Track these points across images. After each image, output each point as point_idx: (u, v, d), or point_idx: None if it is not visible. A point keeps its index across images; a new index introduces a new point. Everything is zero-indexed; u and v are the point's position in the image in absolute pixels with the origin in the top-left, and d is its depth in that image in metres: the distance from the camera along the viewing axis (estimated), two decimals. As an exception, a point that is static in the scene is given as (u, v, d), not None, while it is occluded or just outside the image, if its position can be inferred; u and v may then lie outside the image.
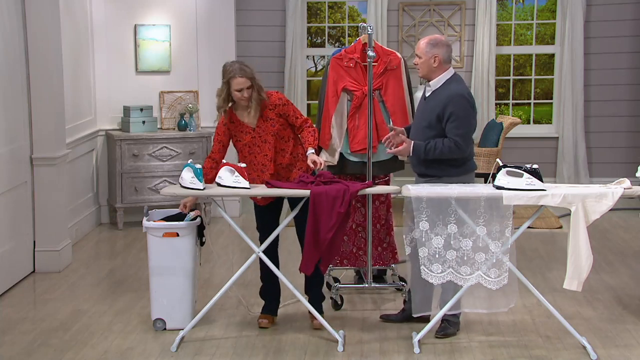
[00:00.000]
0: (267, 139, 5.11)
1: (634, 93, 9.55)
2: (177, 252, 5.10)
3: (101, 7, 8.03)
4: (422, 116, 5.05)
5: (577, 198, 4.65)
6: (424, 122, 5.00)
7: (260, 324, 5.21)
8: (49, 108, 6.38)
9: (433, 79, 5.01)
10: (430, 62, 4.97)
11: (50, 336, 5.08)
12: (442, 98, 4.94)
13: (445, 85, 4.99)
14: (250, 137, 5.12)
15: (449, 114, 4.87)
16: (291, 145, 5.17)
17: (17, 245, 6.17)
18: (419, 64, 5.03)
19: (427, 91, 5.07)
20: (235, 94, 5.02)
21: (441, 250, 4.72)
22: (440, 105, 4.92)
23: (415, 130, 5.08)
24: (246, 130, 5.13)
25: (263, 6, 9.57)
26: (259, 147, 5.12)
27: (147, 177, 7.90)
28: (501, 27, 9.89)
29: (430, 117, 4.96)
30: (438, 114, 4.92)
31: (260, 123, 5.11)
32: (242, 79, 5.00)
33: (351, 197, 4.83)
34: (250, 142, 5.12)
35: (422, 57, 5.00)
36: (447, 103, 4.89)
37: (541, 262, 6.73)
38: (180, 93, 8.26)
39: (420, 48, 5.00)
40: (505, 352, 4.83)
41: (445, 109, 4.89)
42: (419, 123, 5.07)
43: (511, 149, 9.34)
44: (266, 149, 5.11)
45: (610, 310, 5.55)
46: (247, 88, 5.01)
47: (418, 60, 5.03)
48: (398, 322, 5.26)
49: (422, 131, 5.00)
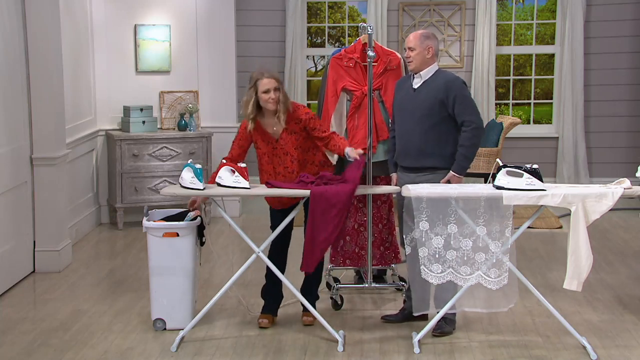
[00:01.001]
0: (289, 151, 5.07)
1: (634, 93, 9.55)
2: (177, 252, 5.09)
3: (101, 7, 8.03)
4: (415, 106, 5.06)
5: (577, 198, 4.65)
6: (421, 112, 5.02)
7: (260, 324, 5.21)
8: (49, 108, 6.38)
9: (424, 71, 5.04)
10: (425, 54, 5.02)
11: (50, 336, 5.08)
12: (439, 85, 5.01)
13: (437, 75, 5.09)
14: (272, 147, 5.09)
15: (454, 97, 4.97)
16: (317, 156, 5.16)
17: (17, 245, 6.17)
18: (412, 56, 5.04)
19: (416, 82, 5.09)
20: (263, 97, 4.97)
21: (441, 250, 4.72)
22: (440, 90, 4.99)
23: (408, 124, 5.07)
24: (268, 140, 5.09)
25: (263, 6, 9.57)
26: (280, 159, 5.09)
27: (147, 177, 7.90)
28: (501, 27, 9.89)
29: (429, 104, 5.00)
30: (441, 99, 4.98)
31: (284, 135, 5.06)
32: (269, 79, 4.97)
33: (348, 199, 4.81)
34: (270, 152, 5.09)
35: (417, 49, 5.02)
36: (449, 87, 4.99)
37: (541, 262, 6.73)
38: (180, 93, 8.27)
39: (414, 40, 5.03)
40: (505, 352, 4.83)
41: (448, 93, 4.97)
42: (412, 114, 5.06)
43: (511, 149, 9.34)
44: (287, 161, 5.08)
45: (610, 310, 5.55)
46: (274, 89, 4.97)
47: (411, 52, 5.04)
48: (398, 322, 5.26)
49: (419, 121, 5.02)
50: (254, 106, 5.02)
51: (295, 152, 5.07)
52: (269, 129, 5.08)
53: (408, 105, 5.11)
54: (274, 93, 4.97)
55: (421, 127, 5.01)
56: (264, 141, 5.10)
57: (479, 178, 8.02)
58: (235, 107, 8.46)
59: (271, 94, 4.97)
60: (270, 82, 4.97)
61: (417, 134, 5.03)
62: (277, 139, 5.08)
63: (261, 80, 4.97)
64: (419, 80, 5.09)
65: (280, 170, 5.09)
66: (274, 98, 4.97)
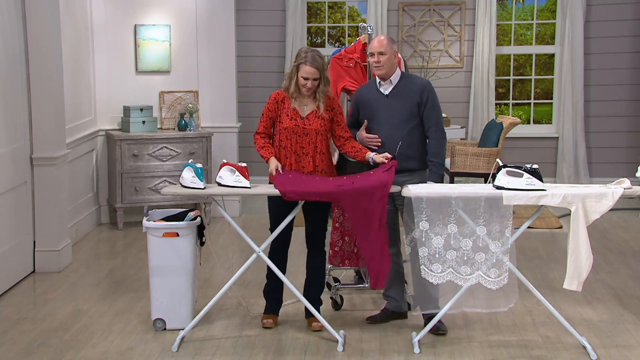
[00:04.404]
0: (309, 132, 5.04)
1: (634, 93, 9.55)
2: (177, 252, 5.09)
3: (101, 7, 8.03)
4: (391, 113, 5.05)
5: (577, 198, 4.65)
6: (398, 118, 5.03)
7: (264, 324, 5.20)
8: (49, 108, 6.38)
9: (392, 76, 5.06)
10: (392, 58, 5.03)
11: (50, 336, 5.08)
12: (413, 88, 5.05)
13: (406, 78, 5.13)
14: (294, 124, 5.05)
15: (426, 101, 5.03)
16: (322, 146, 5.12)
17: (17, 245, 6.16)
18: (382, 61, 5.01)
19: (385, 88, 5.08)
20: (301, 81, 4.97)
21: (441, 250, 4.72)
22: (416, 94, 5.03)
23: (387, 130, 5.04)
24: (292, 116, 5.06)
25: (263, 6, 9.58)
26: (299, 137, 5.05)
27: (147, 177, 7.90)
28: (501, 27, 9.89)
29: (406, 109, 5.03)
30: (417, 102, 5.02)
31: (311, 116, 5.05)
32: (311, 68, 4.94)
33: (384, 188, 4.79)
34: (292, 128, 5.05)
35: (387, 54, 5.02)
36: (423, 91, 5.04)
37: (541, 262, 6.73)
38: (180, 93, 8.26)
39: (383, 44, 5.00)
40: (505, 352, 4.83)
41: (422, 96, 5.02)
42: (389, 121, 5.04)
43: (511, 149, 9.34)
44: (305, 142, 5.05)
45: (610, 310, 5.55)
46: (313, 79, 4.96)
47: (382, 57, 5.00)
48: (382, 321, 5.27)
49: (398, 127, 5.03)
50: (295, 86, 5.03)
51: (316, 136, 5.05)
52: (300, 106, 5.07)
53: (386, 111, 5.07)
54: (311, 83, 4.96)
55: (400, 132, 5.02)
56: (288, 116, 5.06)
57: (479, 178, 8.03)
58: (235, 107, 8.47)
59: (308, 83, 4.96)
60: (311, 71, 4.94)
61: (397, 139, 5.00)
62: (302, 116, 5.06)
63: (303, 66, 4.95)
64: (389, 86, 5.08)
65: (297, 149, 5.06)
66: (310, 87, 4.97)
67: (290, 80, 5.03)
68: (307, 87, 4.97)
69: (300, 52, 5.04)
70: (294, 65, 5.02)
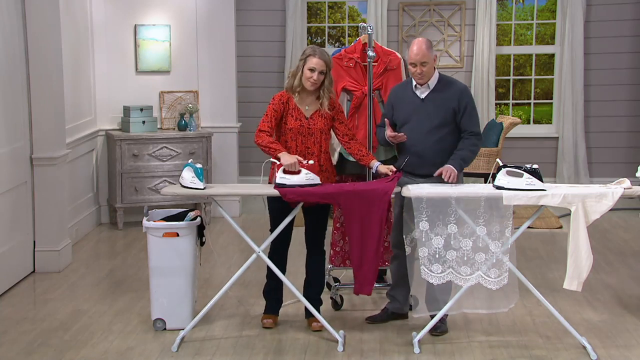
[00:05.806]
0: (314, 132, 5.05)
1: (634, 93, 9.55)
2: (177, 252, 5.10)
3: (101, 7, 8.03)
4: (426, 117, 5.01)
5: (577, 198, 4.65)
6: (433, 122, 4.98)
7: (265, 324, 5.20)
8: (49, 108, 6.38)
9: (429, 80, 5.02)
10: (433, 65, 4.98)
11: (50, 336, 5.08)
12: (452, 93, 4.99)
13: (443, 82, 5.06)
14: (299, 124, 5.05)
15: (464, 106, 4.98)
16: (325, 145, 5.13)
17: (17, 245, 6.17)
18: (425, 70, 4.93)
19: (422, 92, 5.04)
20: (306, 73, 4.96)
21: (441, 250, 4.73)
22: (453, 99, 4.98)
23: (417, 135, 5.01)
24: (297, 116, 5.06)
25: (263, 6, 9.57)
26: (304, 137, 5.05)
27: (147, 177, 7.90)
28: (501, 27, 9.89)
29: (442, 114, 4.98)
30: (454, 108, 4.97)
31: (316, 116, 5.06)
32: (319, 60, 4.94)
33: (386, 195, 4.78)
34: (297, 129, 5.04)
35: (429, 62, 4.93)
36: (461, 96, 4.99)
37: (541, 262, 6.73)
38: (180, 93, 8.26)
39: (426, 54, 4.89)
40: (505, 352, 4.83)
41: (460, 102, 4.97)
42: (422, 125, 5.00)
43: (511, 149, 9.34)
44: (310, 142, 5.05)
45: (610, 310, 5.55)
46: (319, 72, 4.95)
47: (424, 68, 4.91)
48: (382, 321, 5.27)
49: (432, 132, 4.99)
50: (300, 80, 5.02)
51: (321, 135, 5.06)
52: (303, 106, 5.07)
53: (419, 116, 5.03)
54: (317, 75, 4.95)
55: (432, 138, 4.99)
56: (293, 117, 5.06)
57: (479, 178, 8.03)
58: (235, 107, 8.47)
59: (314, 75, 4.95)
60: (319, 63, 4.94)
61: (429, 146, 4.98)
62: (307, 117, 5.06)
63: (311, 58, 4.96)
64: (426, 90, 5.04)
65: (302, 149, 5.06)
66: (315, 80, 4.96)
67: (295, 76, 5.04)
68: (312, 80, 4.95)
69: (307, 48, 5.06)
70: (301, 60, 5.02)
